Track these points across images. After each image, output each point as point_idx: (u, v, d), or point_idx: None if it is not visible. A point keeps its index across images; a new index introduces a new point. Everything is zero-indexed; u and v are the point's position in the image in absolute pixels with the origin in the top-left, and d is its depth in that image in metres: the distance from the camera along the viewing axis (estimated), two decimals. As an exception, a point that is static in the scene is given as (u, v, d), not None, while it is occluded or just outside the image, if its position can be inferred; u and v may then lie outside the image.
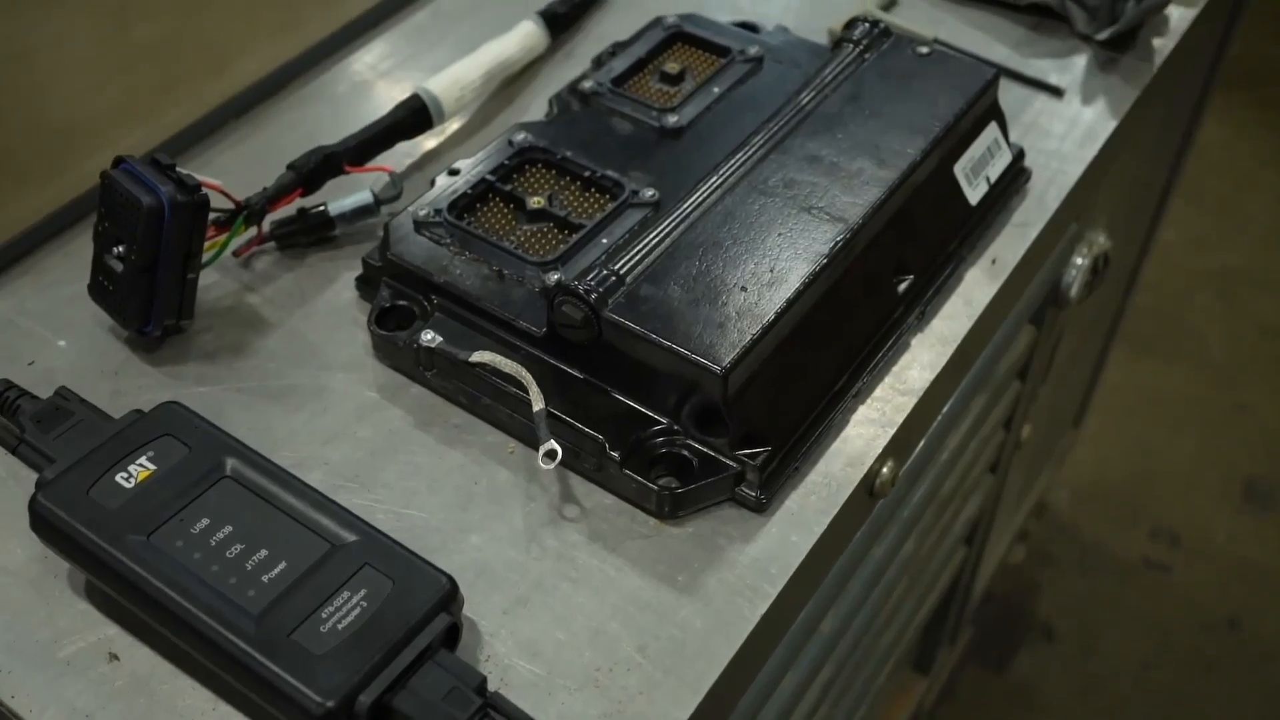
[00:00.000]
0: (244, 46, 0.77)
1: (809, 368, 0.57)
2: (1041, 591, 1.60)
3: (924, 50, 0.68)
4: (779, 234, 0.58)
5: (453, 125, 0.75)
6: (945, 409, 0.67)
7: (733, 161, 0.62)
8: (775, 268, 0.57)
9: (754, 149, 0.63)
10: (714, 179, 0.61)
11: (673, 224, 0.59)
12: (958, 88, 0.66)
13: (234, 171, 0.72)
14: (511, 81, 0.78)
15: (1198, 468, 1.74)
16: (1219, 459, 1.75)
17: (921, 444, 0.66)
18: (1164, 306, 1.94)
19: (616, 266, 0.56)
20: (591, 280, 0.55)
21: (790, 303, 0.55)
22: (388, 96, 0.75)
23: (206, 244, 0.62)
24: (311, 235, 0.67)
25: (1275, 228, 2.10)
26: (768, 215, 0.59)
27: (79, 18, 0.68)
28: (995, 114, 0.68)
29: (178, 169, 0.60)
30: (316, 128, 0.74)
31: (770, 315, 0.55)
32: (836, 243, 0.58)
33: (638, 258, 0.57)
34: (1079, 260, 0.83)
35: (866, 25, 0.69)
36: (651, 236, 0.58)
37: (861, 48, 0.69)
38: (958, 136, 0.65)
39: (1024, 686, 1.51)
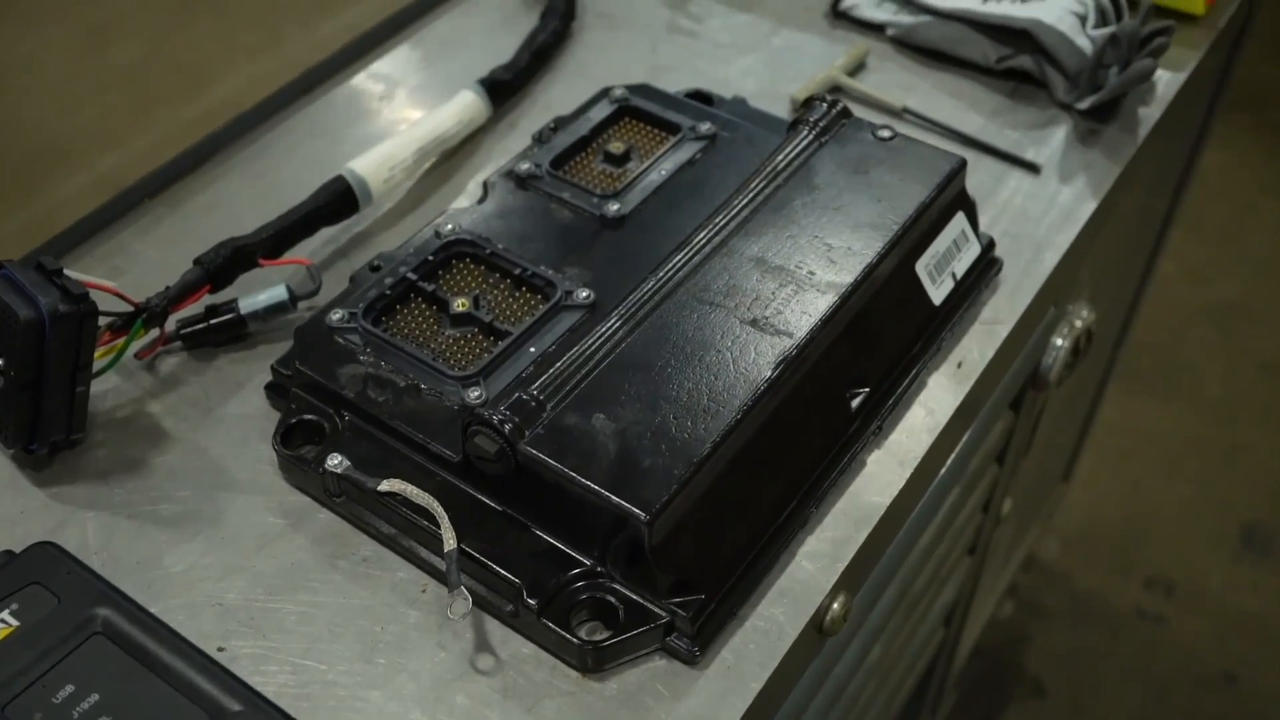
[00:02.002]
0: (222, 68, 0.73)
1: (749, 502, 0.52)
2: (1031, 645, 1.54)
3: (885, 134, 0.63)
4: (718, 351, 0.53)
5: (384, 203, 0.70)
6: (911, 517, 0.62)
7: (673, 263, 0.57)
8: (713, 392, 0.51)
9: (696, 248, 0.58)
10: (651, 284, 0.56)
11: (603, 339, 0.53)
12: (921, 177, 0.61)
13: (146, 258, 0.67)
14: (451, 154, 0.73)
15: (1194, 512, 1.69)
16: (1216, 503, 1.70)
17: (884, 558, 0.61)
18: (1161, 341, 1.88)
19: (537, 390, 0.51)
20: (507, 409, 0.50)
21: (728, 433, 0.50)
22: (319, 173, 0.70)
23: (102, 349, 0.58)
24: (221, 334, 0.62)
25: (1275, 258, 2.05)
26: (707, 330, 0.54)
27: (56, 37, 0.65)
28: (963, 203, 0.63)
29: (65, 271, 0.55)
30: (233, 210, 0.69)
31: (705, 450, 0.49)
32: (781, 362, 0.53)
33: (562, 379, 0.52)
34: (1059, 341, 0.78)
35: (824, 105, 0.64)
36: (579, 353, 0.53)
37: (818, 130, 0.63)
38: (920, 232, 0.60)
39: (1013, 746, 1.46)
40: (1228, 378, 1.86)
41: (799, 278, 0.56)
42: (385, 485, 0.53)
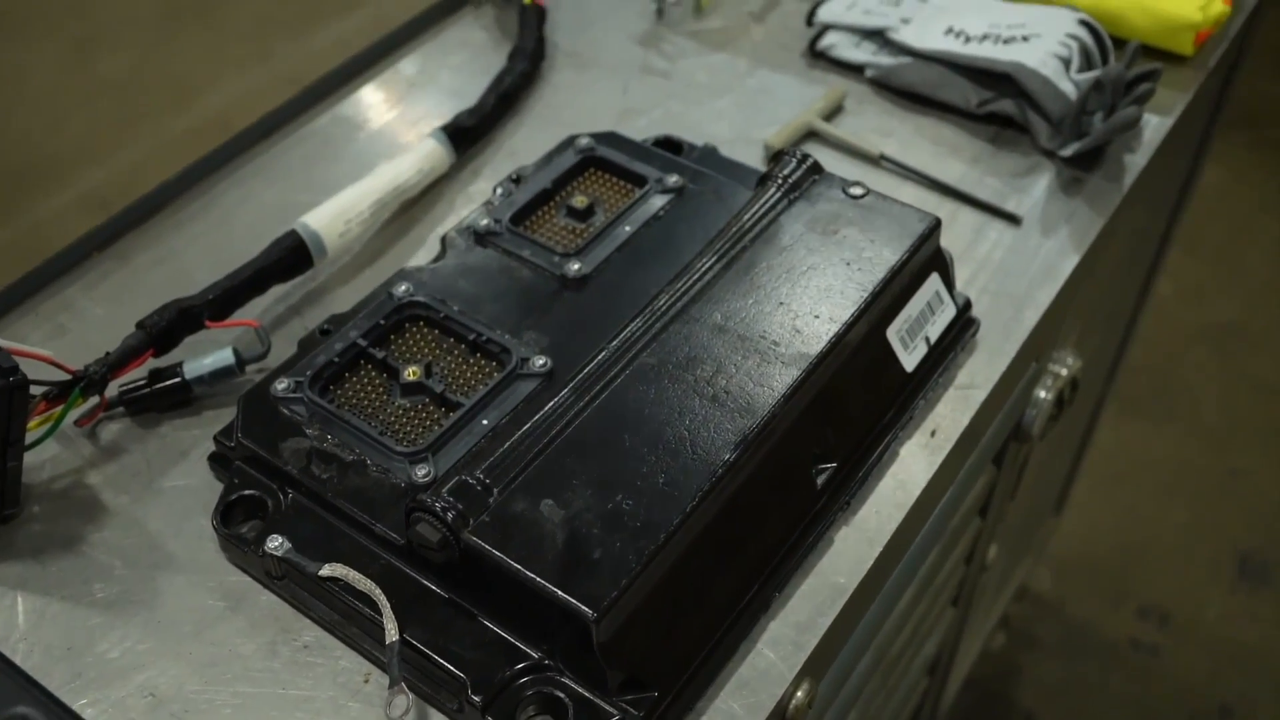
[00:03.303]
0: (211, 80, 0.72)
1: (707, 590, 0.50)
2: (1022, 676, 1.52)
3: (857, 191, 0.61)
4: (675, 430, 0.50)
5: (341, 257, 0.68)
6: (884, 588, 0.59)
7: (631, 331, 0.55)
8: (669, 475, 0.49)
9: (656, 315, 0.55)
10: (608, 354, 0.54)
11: (555, 416, 0.51)
12: (893, 238, 0.58)
13: (92, 316, 0.65)
14: (412, 204, 0.71)
15: (1189, 540, 1.66)
16: (1212, 530, 1.67)
17: (856, 632, 0.58)
18: (1157, 363, 1.86)
19: (483, 472, 0.49)
20: (450, 494, 0.48)
21: (683, 520, 0.48)
22: (274, 224, 0.67)
23: (38, 419, 0.55)
24: (165, 400, 0.60)
25: (1273, 278, 2.02)
26: (665, 406, 0.51)
27: (43, 49, 0.63)
28: (937, 263, 0.60)
29: (-4, 341, 0.52)
30: (184, 264, 0.67)
31: (658, 540, 0.47)
32: (741, 442, 0.50)
33: (510, 461, 0.49)
34: (1041, 394, 0.75)
35: (794, 161, 0.62)
36: (530, 431, 0.50)
37: (788, 187, 0.61)
38: (892, 296, 0.57)
39: (1003, 782, 1.44)
40: (1225, 401, 1.83)
41: (762, 349, 0.54)
42: (326, 570, 0.50)
